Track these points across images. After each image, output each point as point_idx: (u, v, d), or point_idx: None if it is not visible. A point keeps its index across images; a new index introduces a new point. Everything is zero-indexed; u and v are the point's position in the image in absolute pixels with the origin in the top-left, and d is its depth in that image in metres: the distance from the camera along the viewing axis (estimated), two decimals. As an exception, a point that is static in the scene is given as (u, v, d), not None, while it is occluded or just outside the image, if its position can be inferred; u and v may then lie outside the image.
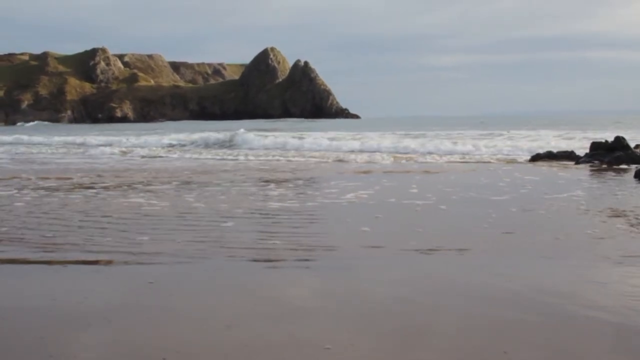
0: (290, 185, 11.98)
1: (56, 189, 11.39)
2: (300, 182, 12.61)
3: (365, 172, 14.89)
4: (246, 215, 8.30)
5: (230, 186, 11.74)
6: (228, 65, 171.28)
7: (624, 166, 15.24)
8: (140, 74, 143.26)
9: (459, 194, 10.26)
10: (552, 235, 6.68)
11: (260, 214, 8.45)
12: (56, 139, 36.38)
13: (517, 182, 11.98)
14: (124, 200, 9.87)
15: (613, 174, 13.63)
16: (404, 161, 18.48)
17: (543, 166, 15.99)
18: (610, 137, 17.88)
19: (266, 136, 30.29)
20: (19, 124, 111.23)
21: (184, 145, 29.28)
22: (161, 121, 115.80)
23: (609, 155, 16.34)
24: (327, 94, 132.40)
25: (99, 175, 14.31)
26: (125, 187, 11.86)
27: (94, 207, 8.98)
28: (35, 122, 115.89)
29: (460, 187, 11.22)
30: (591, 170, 14.61)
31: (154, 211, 8.60)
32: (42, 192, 10.98)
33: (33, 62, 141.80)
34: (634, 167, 14.44)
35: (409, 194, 10.24)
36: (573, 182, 11.97)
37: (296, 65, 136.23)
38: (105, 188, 11.61)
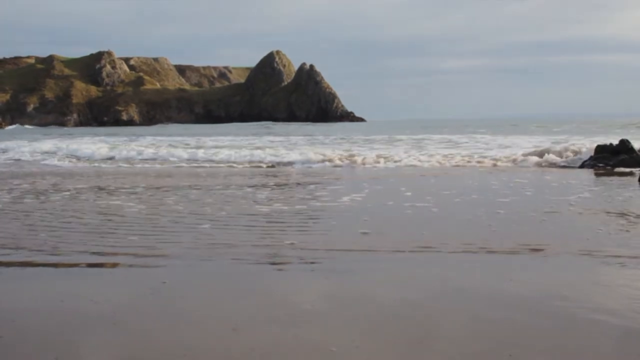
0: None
1: None
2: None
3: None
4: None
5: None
6: (234, 68, 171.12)
7: (628, 169, 15.22)
8: (146, 77, 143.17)
9: (461, 196, 10.27)
10: (556, 238, 6.68)
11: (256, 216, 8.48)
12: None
13: (520, 185, 11.98)
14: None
15: (618, 177, 13.61)
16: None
17: (547, 169, 15.98)
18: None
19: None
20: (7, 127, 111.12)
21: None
22: (164, 124, 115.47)
23: (613, 158, 16.33)
24: (332, 97, 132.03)
25: None
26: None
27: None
28: (15, 125, 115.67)
29: (463, 190, 11.22)
30: (596, 174, 14.59)
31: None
32: None
33: (39, 66, 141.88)
34: (638, 170, 14.44)
35: (408, 196, 10.25)
36: (578, 185, 11.96)
37: (302, 68, 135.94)
38: None
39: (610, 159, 16.34)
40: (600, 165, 16.16)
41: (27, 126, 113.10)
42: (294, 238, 6.82)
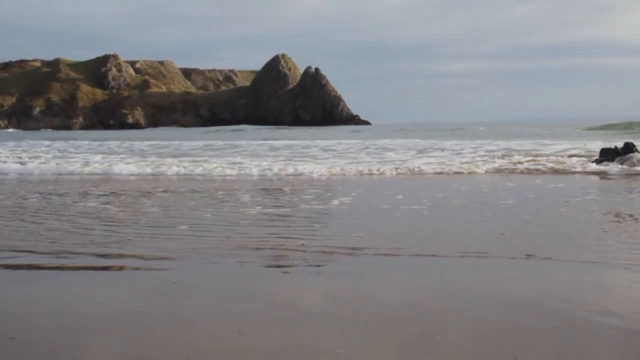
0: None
1: None
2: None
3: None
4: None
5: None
6: (239, 71, 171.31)
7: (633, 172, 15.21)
8: (151, 80, 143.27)
9: (461, 198, 10.27)
10: (561, 241, 6.68)
11: (266, 219, 8.49)
12: None
13: (522, 187, 11.97)
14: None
15: (621, 179, 13.60)
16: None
17: (551, 171, 15.95)
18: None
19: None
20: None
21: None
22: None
23: (618, 160, 16.32)
24: (337, 100, 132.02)
25: None
26: None
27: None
28: None
29: (462, 192, 11.23)
30: (600, 176, 14.58)
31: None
32: None
33: (45, 69, 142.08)
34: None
35: (402, 199, 10.25)
36: (582, 187, 11.96)
37: (307, 71, 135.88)
38: None
39: (614, 161, 16.34)
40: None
41: (10, 130, 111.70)
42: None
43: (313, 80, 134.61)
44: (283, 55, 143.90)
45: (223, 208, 9.68)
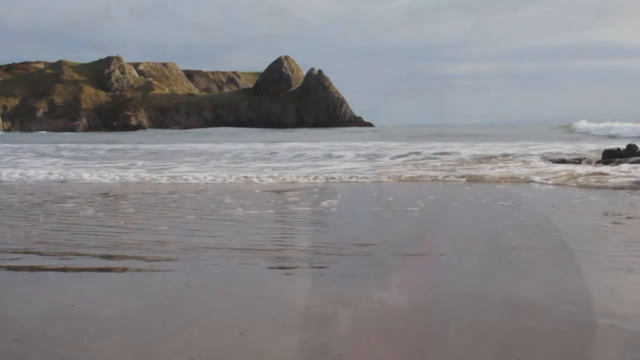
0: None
1: None
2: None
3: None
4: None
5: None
6: (242, 73, 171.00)
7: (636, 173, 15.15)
8: (154, 82, 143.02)
9: (458, 202, 10.26)
10: (563, 244, 6.68)
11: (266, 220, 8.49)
12: None
13: (521, 189, 11.95)
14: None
15: (625, 181, 13.53)
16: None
17: (550, 172, 15.90)
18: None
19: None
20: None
21: None
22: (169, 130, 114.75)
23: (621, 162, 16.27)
24: (340, 102, 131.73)
25: None
26: None
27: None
28: None
29: (461, 196, 11.21)
30: (603, 178, 14.51)
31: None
32: None
33: (48, 71, 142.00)
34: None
35: (398, 202, 10.25)
36: (584, 189, 11.92)
37: (310, 73, 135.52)
38: None
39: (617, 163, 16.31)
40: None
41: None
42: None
43: (316, 82, 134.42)
44: (286, 57, 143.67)
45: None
